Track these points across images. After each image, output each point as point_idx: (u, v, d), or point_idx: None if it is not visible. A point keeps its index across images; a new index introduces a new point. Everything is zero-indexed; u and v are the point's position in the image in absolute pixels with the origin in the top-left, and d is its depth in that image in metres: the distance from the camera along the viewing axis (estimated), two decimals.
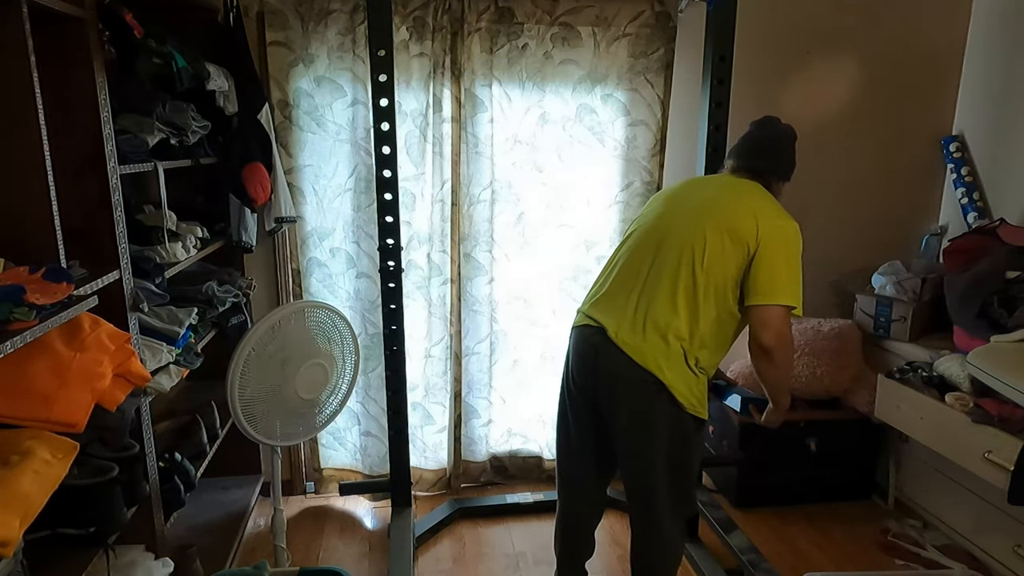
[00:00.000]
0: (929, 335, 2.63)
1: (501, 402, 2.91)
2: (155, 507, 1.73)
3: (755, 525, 2.64)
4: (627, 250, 1.82)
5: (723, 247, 1.64)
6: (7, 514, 1.07)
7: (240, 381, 1.84)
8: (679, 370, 1.65)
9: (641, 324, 1.67)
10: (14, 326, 1.10)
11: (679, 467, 1.73)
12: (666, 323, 1.65)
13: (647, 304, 1.68)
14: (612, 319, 1.72)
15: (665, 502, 1.74)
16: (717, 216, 1.68)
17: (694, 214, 1.72)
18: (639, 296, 1.71)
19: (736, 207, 1.69)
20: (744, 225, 1.63)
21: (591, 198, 2.74)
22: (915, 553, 2.43)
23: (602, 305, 1.78)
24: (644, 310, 1.68)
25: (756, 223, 1.63)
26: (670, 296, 1.66)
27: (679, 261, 1.67)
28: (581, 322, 1.82)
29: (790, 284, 1.64)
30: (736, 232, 1.63)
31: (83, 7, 1.44)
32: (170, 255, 1.86)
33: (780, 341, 1.64)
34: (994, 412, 1.96)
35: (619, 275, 1.79)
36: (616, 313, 1.73)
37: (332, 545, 2.53)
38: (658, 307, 1.67)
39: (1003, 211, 2.59)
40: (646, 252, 1.75)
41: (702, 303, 1.65)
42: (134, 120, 1.74)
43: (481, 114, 2.58)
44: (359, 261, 2.66)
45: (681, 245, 1.68)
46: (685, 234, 1.69)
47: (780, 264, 1.63)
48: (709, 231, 1.66)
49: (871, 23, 2.75)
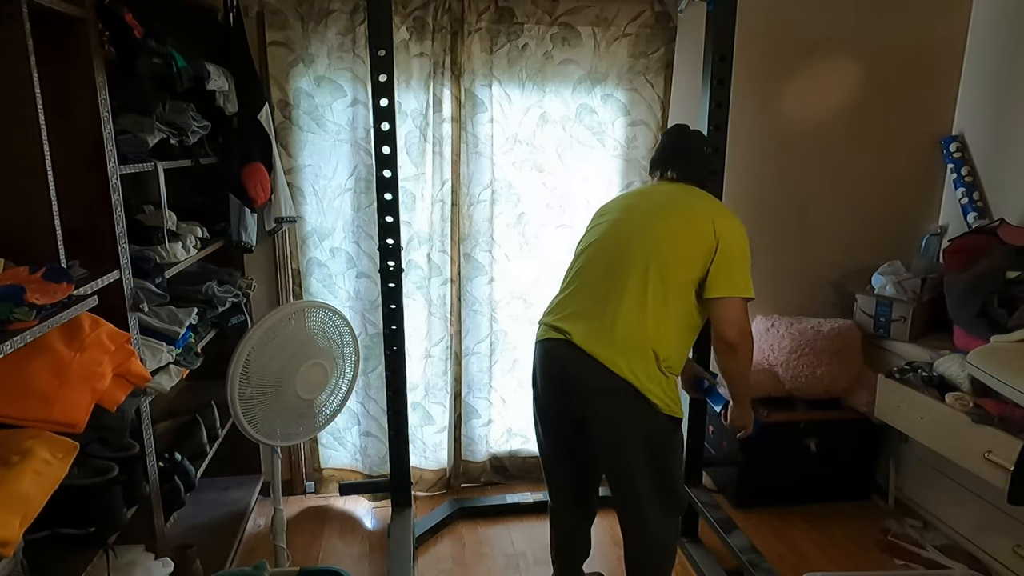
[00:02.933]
0: (929, 335, 2.63)
1: (501, 402, 2.91)
2: (155, 507, 1.73)
3: (755, 525, 2.63)
4: (586, 260, 1.83)
5: (686, 249, 1.69)
6: (7, 514, 1.07)
7: (240, 381, 1.84)
8: (652, 374, 1.66)
9: (611, 331, 1.68)
10: (14, 326, 1.10)
11: (662, 468, 1.74)
12: (637, 329, 1.67)
13: (615, 311, 1.69)
14: (580, 328, 1.73)
15: (653, 503, 1.76)
16: (675, 220, 1.74)
17: (651, 220, 1.76)
18: (606, 303, 1.72)
19: (692, 210, 1.76)
20: (703, 226, 1.70)
21: (591, 198, 2.73)
22: (915, 553, 2.43)
23: (567, 315, 1.78)
24: (612, 317, 1.69)
25: (713, 223, 1.70)
26: (639, 301, 1.68)
27: (644, 266, 1.70)
28: (545, 335, 1.82)
29: (745, 278, 1.71)
30: (697, 233, 1.69)
31: (83, 7, 1.44)
32: (170, 255, 1.86)
33: (741, 334, 1.70)
34: (994, 412, 1.96)
35: (582, 284, 1.80)
36: (583, 322, 1.73)
37: (332, 545, 2.53)
38: (628, 313, 1.68)
39: (1003, 211, 2.59)
40: (607, 260, 1.77)
41: (671, 305, 1.69)
42: (134, 120, 1.74)
43: (481, 114, 2.58)
44: (359, 261, 2.66)
45: (644, 250, 1.71)
46: (646, 239, 1.73)
47: (735, 260, 1.70)
48: (670, 234, 1.72)
49: (871, 23, 2.75)
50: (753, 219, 2.88)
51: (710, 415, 2.64)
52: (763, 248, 2.89)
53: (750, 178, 2.79)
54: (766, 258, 2.91)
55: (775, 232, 2.90)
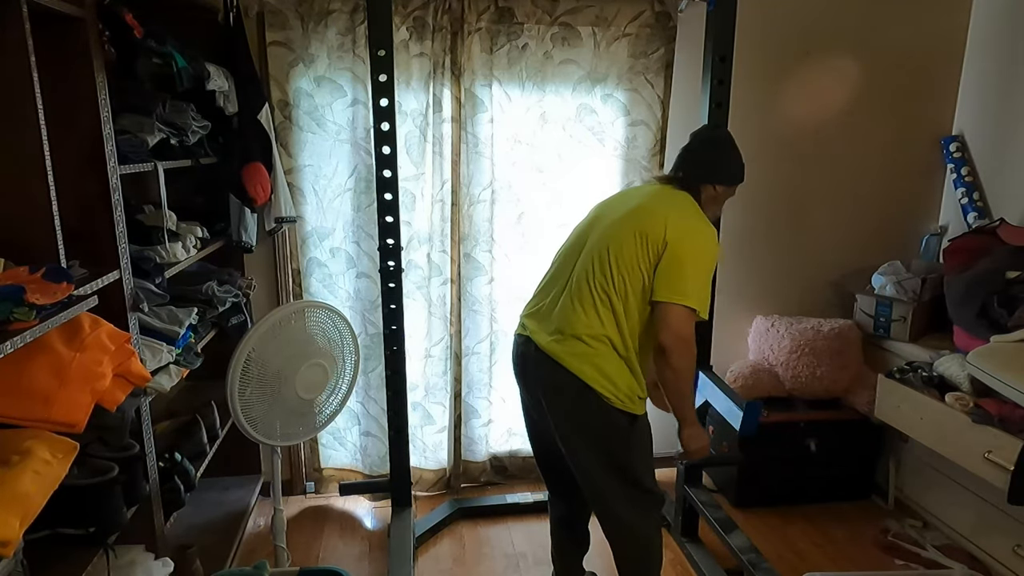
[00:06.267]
0: (929, 335, 2.63)
1: (501, 402, 2.91)
2: (155, 507, 1.74)
3: (755, 525, 2.63)
4: (557, 257, 1.89)
5: (636, 250, 1.67)
6: (7, 514, 1.07)
7: (240, 381, 1.84)
8: (599, 368, 1.67)
9: (559, 327, 1.71)
10: (14, 326, 1.10)
11: (620, 464, 1.74)
12: (583, 324, 1.68)
13: (564, 308, 1.73)
14: (537, 325, 1.79)
15: (619, 499, 1.76)
16: (633, 222, 1.71)
17: (616, 222, 1.75)
18: (559, 300, 1.76)
19: (651, 212, 1.71)
20: (654, 228, 1.66)
21: (591, 198, 2.72)
22: (915, 553, 2.43)
23: (529, 312, 1.86)
24: (561, 313, 1.73)
25: (665, 226, 1.65)
26: (588, 299, 1.69)
27: (598, 266, 1.70)
28: (516, 330, 1.89)
29: (694, 287, 1.63)
30: (647, 235, 1.66)
31: (83, 7, 1.44)
32: (170, 255, 1.86)
33: (677, 341, 1.61)
34: (994, 412, 1.96)
35: (547, 282, 1.86)
36: (540, 319, 1.79)
37: (332, 545, 2.53)
38: (574, 310, 1.70)
39: (1003, 211, 2.59)
40: (571, 259, 1.80)
41: (620, 304, 1.67)
42: (134, 120, 1.74)
43: (481, 114, 2.58)
44: (359, 261, 2.66)
45: (600, 251, 1.71)
46: (604, 240, 1.72)
47: (685, 266, 1.63)
48: (625, 236, 1.69)
49: (871, 23, 2.75)
50: (753, 219, 2.91)
51: (710, 416, 2.64)
52: (763, 248, 2.91)
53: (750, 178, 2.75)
54: (766, 258, 2.91)
55: (775, 232, 2.90)
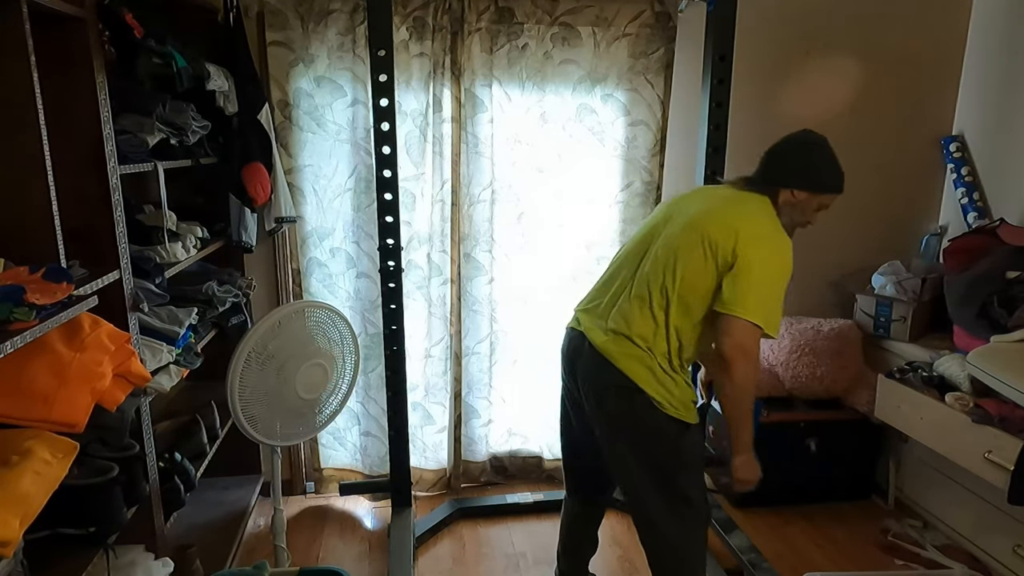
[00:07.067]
0: (929, 335, 2.63)
1: (501, 402, 2.91)
2: (155, 507, 1.73)
3: (755, 525, 2.63)
4: (620, 254, 1.84)
5: (702, 259, 1.60)
6: (7, 514, 1.07)
7: (240, 381, 1.84)
8: (651, 372, 1.63)
9: (616, 327, 1.68)
10: (14, 326, 1.10)
11: (667, 475, 1.68)
12: (640, 327, 1.64)
13: (623, 308, 1.69)
14: (592, 321, 1.75)
15: (660, 510, 1.70)
16: (701, 228, 1.63)
17: (686, 226, 1.68)
18: (618, 300, 1.72)
19: (721, 219, 1.64)
20: (724, 238, 1.58)
21: (591, 198, 2.73)
22: (915, 553, 2.43)
23: (587, 307, 1.82)
24: (620, 313, 1.69)
25: (736, 237, 1.57)
26: (648, 302, 1.65)
27: (663, 270, 1.65)
28: (570, 323, 1.85)
29: (758, 300, 1.54)
30: (716, 244, 1.59)
31: (83, 7, 1.44)
32: (170, 255, 1.86)
33: (738, 353, 1.53)
34: (994, 412, 1.96)
35: (607, 279, 1.82)
36: (597, 316, 1.75)
37: (332, 545, 2.53)
38: (633, 311, 1.67)
39: (1003, 211, 2.59)
40: (635, 258, 1.76)
41: (681, 312, 1.62)
42: (134, 120, 1.74)
43: (481, 114, 2.58)
44: (359, 261, 2.66)
45: (666, 256, 1.67)
46: (672, 245, 1.67)
47: (752, 278, 1.55)
48: (693, 243, 1.63)
49: (871, 23, 2.75)
50: None
51: (710, 416, 2.64)
52: None
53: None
54: None
55: None
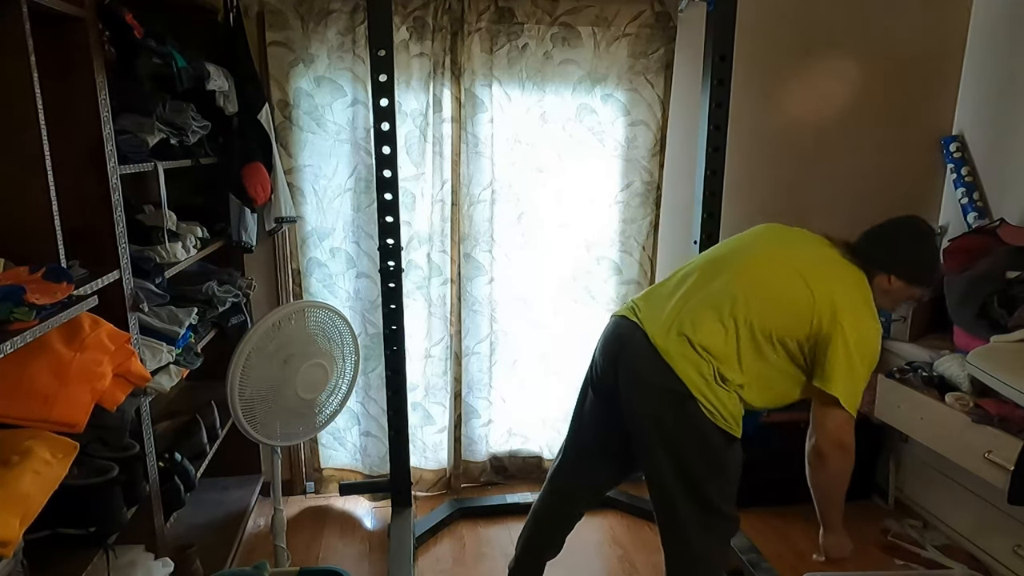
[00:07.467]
0: (929, 335, 2.63)
1: (501, 402, 2.91)
2: (155, 507, 1.73)
3: (755, 525, 2.63)
4: (704, 260, 1.78)
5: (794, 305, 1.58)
6: (7, 514, 1.07)
7: (240, 381, 1.84)
8: (704, 380, 1.58)
9: (681, 328, 1.61)
10: (14, 326, 1.10)
11: (704, 486, 1.63)
12: (708, 334, 1.59)
13: (695, 311, 1.63)
14: (652, 314, 1.68)
15: (691, 520, 1.64)
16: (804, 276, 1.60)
17: (781, 262, 1.66)
18: (690, 301, 1.66)
19: (827, 280, 1.61)
20: (823, 300, 1.56)
21: (591, 198, 2.73)
22: (915, 553, 2.43)
23: (649, 299, 1.75)
24: (690, 315, 1.63)
25: (835, 307, 1.55)
26: (720, 315, 1.60)
27: (751, 295, 1.61)
28: (621, 312, 1.78)
29: (855, 389, 1.56)
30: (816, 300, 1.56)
31: (83, 7, 1.44)
32: (170, 255, 1.86)
33: (836, 449, 1.60)
34: (994, 412, 1.96)
35: (680, 278, 1.75)
36: (659, 310, 1.68)
37: (332, 545, 2.53)
38: (706, 318, 1.61)
39: (1003, 211, 2.59)
40: (721, 270, 1.70)
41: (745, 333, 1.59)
42: (134, 120, 1.74)
43: (481, 114, 2.58)
44: (359, 261, 2.66)
45: (759, 283, 1.63)
46: (768, 274, 1.64)
47: (851, 361, 1.54)
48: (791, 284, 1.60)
49: (871, 23, 2.75)
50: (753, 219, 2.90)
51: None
52: None
53: (750, 178, 2.79)
54: None
55: None
